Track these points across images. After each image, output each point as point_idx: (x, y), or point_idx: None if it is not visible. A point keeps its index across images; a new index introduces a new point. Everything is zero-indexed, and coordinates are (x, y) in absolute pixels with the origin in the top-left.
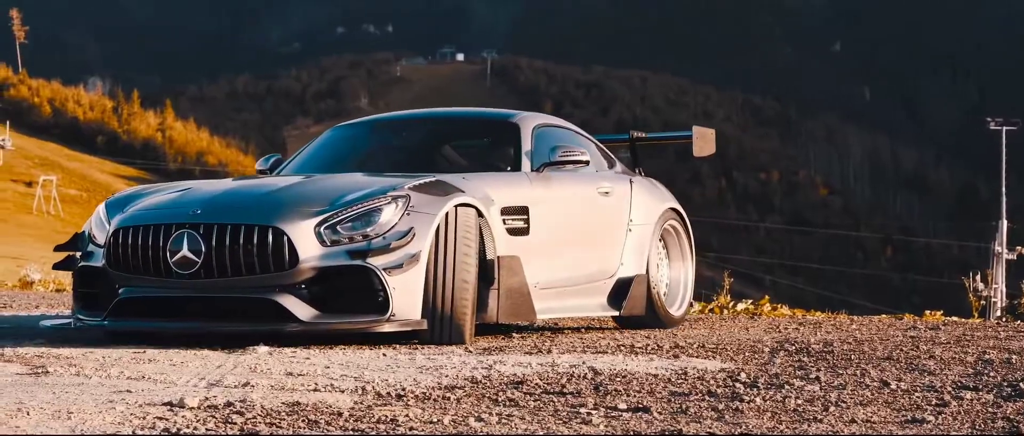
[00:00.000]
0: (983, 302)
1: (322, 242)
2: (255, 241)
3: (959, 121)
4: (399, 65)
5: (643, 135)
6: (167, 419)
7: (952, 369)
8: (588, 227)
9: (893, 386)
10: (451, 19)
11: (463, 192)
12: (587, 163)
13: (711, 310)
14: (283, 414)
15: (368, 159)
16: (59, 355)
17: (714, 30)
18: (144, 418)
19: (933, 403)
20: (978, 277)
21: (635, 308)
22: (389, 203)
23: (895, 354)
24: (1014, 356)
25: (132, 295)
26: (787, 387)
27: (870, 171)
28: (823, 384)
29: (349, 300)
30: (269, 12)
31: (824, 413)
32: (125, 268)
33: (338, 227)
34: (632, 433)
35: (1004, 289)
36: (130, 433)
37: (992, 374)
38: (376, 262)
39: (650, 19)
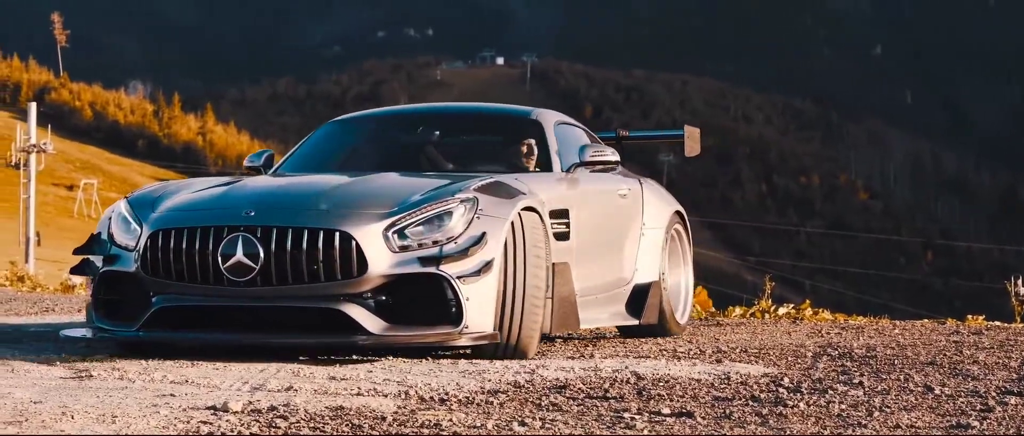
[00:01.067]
0: None
1: (391, 247)
2: (319, 245)
3: (1001, 124)
4: (439, 69)
5: (626, 134)
6: (211, 423)
7: (996, 374)
8: (612, 232)
9: (937, 391)
10: (492, 23)
11: (526, 194)
12: (618, 164)
13: (752, 314)
14: (326, 418)
15: (380, 157)
16: (103, 359)
17: (756, 33)
18: (188, 422)
19: (978, 408)
20: (1020, 281)
21: (651, 317)
22: (458, 205)
23: (938, 359)
24: None
25: (173, 304)
26: (831, 392)
27: (911, 174)
28: (867, 389)
29: (419, 310)
30: (310, 15)
31: (868, 418)
32: (164, 274)
33: (406, 231)
34: None
35: None
36: None
37: None
38: (449, 270)
39: (692, 23)
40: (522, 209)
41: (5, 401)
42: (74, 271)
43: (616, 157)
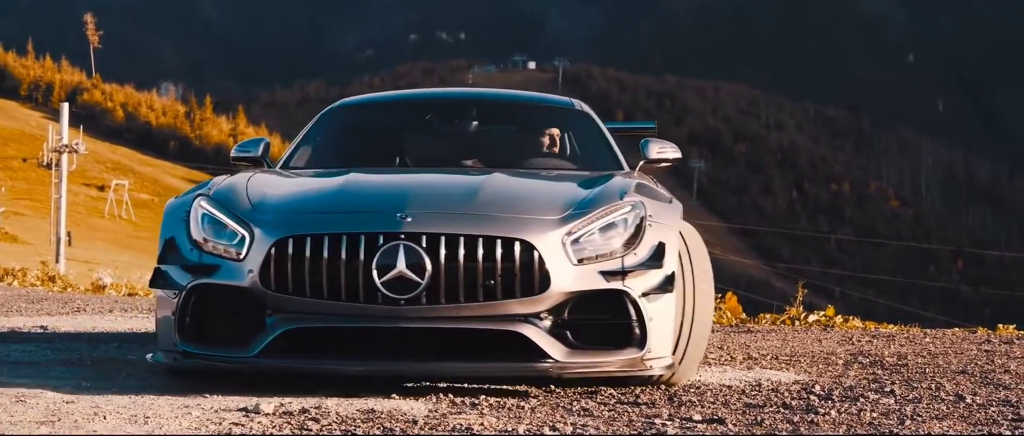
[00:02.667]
0: None
1: (570, 259)
2: (497, 257)
3: None
4: (471, 72)
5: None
6: (243, 424)
7: None
8: None
9: (969, 400)
10: (525, 28)
11: (671, 199)
12: (679, 160)
13: (783, 321)
14: (358, 421)
15: (422, 148)
16: (134, 360)
17: (789, 41)
18: (220, 423)
19: (1009, 418)
20: None
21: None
22: (630, 210)
23: (969, 368)
24: None
25: (303, 325)
26: (862, 400)
27: (943, 183)
28: (898, 397)
29: (598, 333)
30: (345, 19)
31: (900, 426)
32: (295, 290)
33: (582, 239)
34: None
35: None
36: None
37: None
38: (634, 285)
39: (726, 30)
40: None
41: (37, 401)
42: (153, 284)
43: (679, 154)
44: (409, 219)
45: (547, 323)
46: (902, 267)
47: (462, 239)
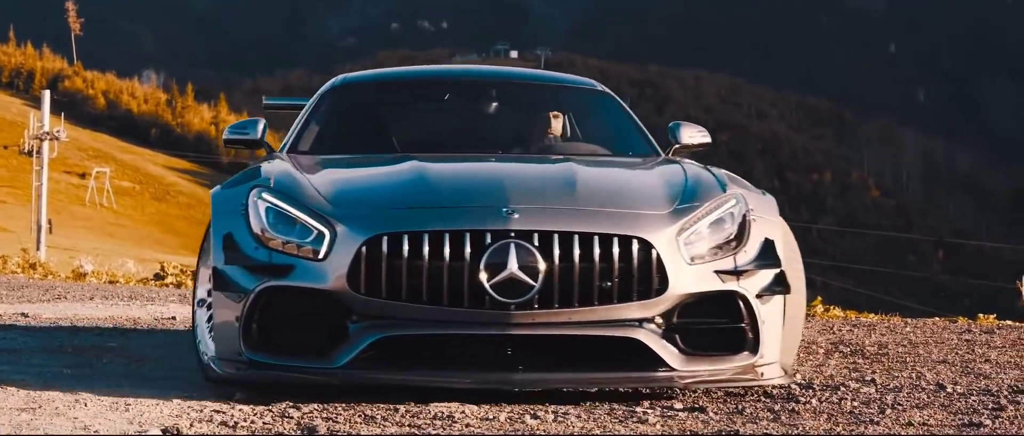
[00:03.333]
0: None
1: (684, 258)
2: (614, 256)
3: (1016, 123)
4: (453, 60)
5: None
6: (224, 412)
7: (1008, 373)
8: None
9: (949, 389)
10: (507, 16)
11: (763, 191)
12: (709, 146)
13: None
14: (340, 410)
15: (427, 128)
16: (115, 347)
17: (771, 31)
18: (201, 410)
19: (990, 407)
20: None
21: None
22: (735, 204)
23: (950, 357)
24: None
25: (401, 332)
26: (842, 389)
27: (924, 173)
28: (879, 386)
29: (707, 338)
30: (326, 7)
31: (880, 415)
32: (389, 294)
33: (693, 236)
34: (689, 433)
35: None
36: (188, 424)
37: None
38: (749, 286)
39: (708, 20)
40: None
41: (18, 387)
42: (218, 287)
43: (709, 138)
44: (516, 215)
45: (660, 327)
46: (883, 257)
47: (576, 237)
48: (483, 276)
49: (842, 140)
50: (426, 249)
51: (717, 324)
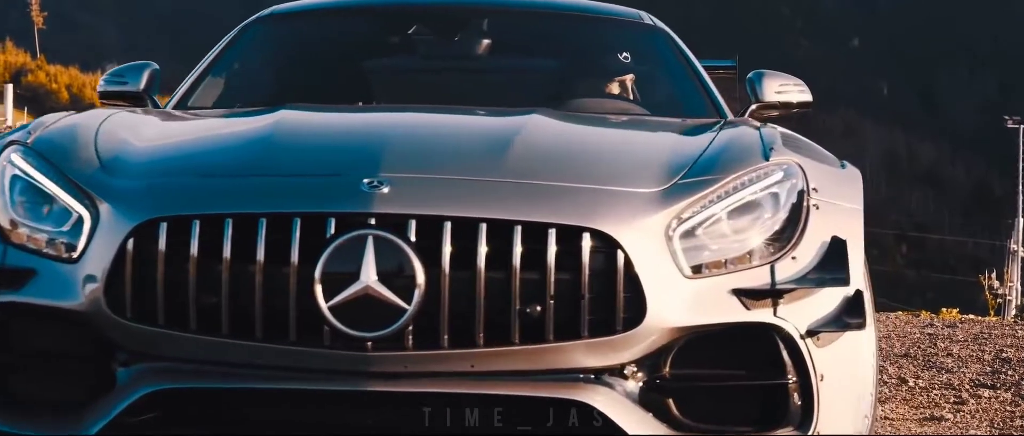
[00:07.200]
0: (999, 301)
1: (678, 264)
2: (549, 260)
3: (977, 116)
4: None
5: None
6: None
7: (970, 367)
8: None
9: (911, 383)
10: None
11: (842, 161)
12: (809, 107)
13: None
14: None
15: (385, 78)
16: None
17: (732, 23)
18: None
19: (951, 402)
20: (994, 275)
21: None
22: (782, 178)
23: (912, 351)
24: None
25: (189, 385)
26: None
27: (886, 166)
28: None
29: (723, 402)
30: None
31: None
32: (171, 321)
33: (698, 229)
34: None
35: (1020, 288)
36: None
37: (1010, 373)
38: (794, 316)
39: (668, 10)
40: None
41: None
42: None
43: (809, 96)
44: (385, 189)
45: (633, 384)
46: None
47: (483, 226)
48: (318, 291)
49: (804, 133)
50: (227, 246)
51: (738, 381)
